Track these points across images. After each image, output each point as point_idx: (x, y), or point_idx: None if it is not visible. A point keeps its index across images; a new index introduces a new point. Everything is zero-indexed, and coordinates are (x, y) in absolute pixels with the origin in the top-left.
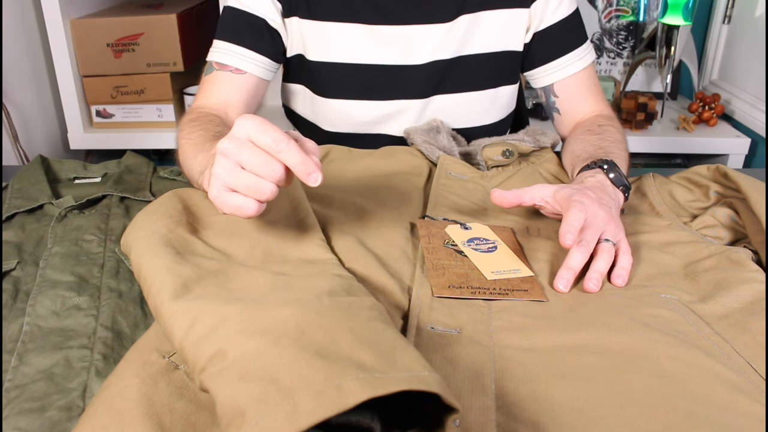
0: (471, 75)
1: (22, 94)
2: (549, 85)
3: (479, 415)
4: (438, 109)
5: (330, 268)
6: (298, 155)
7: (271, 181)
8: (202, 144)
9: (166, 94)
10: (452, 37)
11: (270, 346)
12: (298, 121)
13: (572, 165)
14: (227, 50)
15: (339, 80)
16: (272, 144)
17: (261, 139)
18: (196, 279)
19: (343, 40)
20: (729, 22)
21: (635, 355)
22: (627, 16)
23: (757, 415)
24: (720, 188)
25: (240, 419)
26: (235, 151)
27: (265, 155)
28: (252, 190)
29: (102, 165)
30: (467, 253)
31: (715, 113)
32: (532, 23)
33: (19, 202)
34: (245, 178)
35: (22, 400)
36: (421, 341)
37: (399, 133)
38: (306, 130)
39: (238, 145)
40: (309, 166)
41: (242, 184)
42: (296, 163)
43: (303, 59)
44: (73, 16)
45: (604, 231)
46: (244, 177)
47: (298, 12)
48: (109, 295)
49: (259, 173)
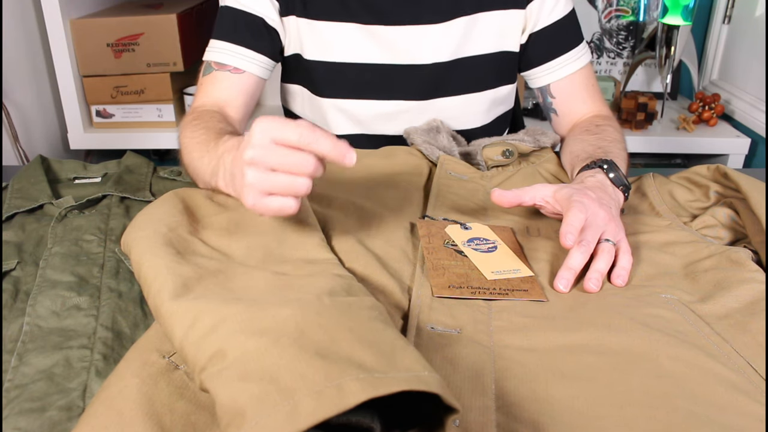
0: (470, 77)
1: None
2: (546, 85)
3: (479, 415)
4: (438, 111)
5: (330, 268)
6: (328, 141)
7: (305, 175)
8: (206, 143)
9: (166, 94)
10: (449, 39)
11: (270, 346)
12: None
13: (571, 165)
14: (226, 50)
15: (335, 79)
16: (300, 139)
17: (286, 137)
18: (197, 279)
19: (338, 40)
20: (729, 22)
21: (635, 355)
22: (627, 16)
23: (757, 415)
24: (720, 188)
25: (240, 419)
26: (263, 157)
27: (295, 152)
28: (289, 188)
29: (102, 165)
30: (467, 253)
31: (715, 113)
32: (527, 24)
33: (19, 202)
34: (280, 179)
35: (22, 400)
36: (421, 341)
37: (399, 133)
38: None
39: (264, 151)
40: (342, 147)
41: (278, 186)
42: (329, 149)
43: (300, 58)
44: (73, 16)
45: (605, 231)
46: (278, 179)
47: (295, 11)
48: (109, 295)
49: (293, 171)
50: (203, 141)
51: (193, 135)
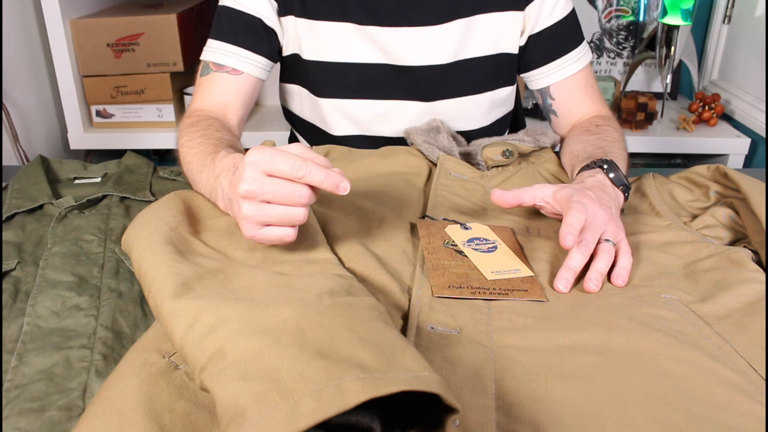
0: (469, 79)
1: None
2: (545, 87)
3: (479, 415)
4: (438, 113)
5: (330, 268)
6: (320, 173)
7: (301, 206)
8: (204, 156)
9: (166, 94)
10: (448, 41)
11: (270, 345)
12: (296, 121)
13: (571, 165)
14: (223, 50)
15: (333, 79)
16: (292, 171)
17: (279, 169)
18: (197, 278)
19: (336, 40)
20: (729, 22)
21: (635, 355)
22: (627, 16)
23: (757, 415)
24: (720, 188)
25: (240, 419)
26: (258, 190)
27: (289, 184)
28: (285, 219)
29: (102, 165)
30: (467, 253)
31: (715, 113)
32: (526, 26)
33: (19, 202)
34: (276, 210)
35: (22, 400)
36: (421, 341)
37: (398, 134)
38: (305, 130)
39: (258, 184)
40: (335, 177)
41: (275, 217)
42: (322, 180)
43: (299, 58)
44: (73, 16)
45: (605, 231)
46: (274, 210)
47: (294, 11)
48: (109, 295)
49: (288, 202)
50: (201, 153)
51: (191, 144)
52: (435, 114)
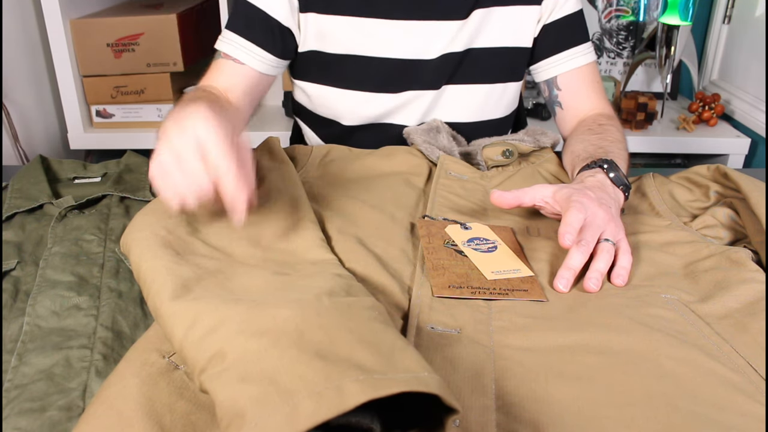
0: (481, 67)
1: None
2: (553, 77)
3: (479, 415)
4: (449, 100)
5: (330, 268)
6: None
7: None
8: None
9: (166, 94)
10: (465, 31)
11: (270, 347)
12: (308, 116)
13: (572, 165)
14: (235, 42)
15: (355, 73)
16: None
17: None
18: (196, 279)
19: (359, 34)
20: (729, 22)
21: (635, 355)
22: (627, 16)
23: (757, 415)
24: (720, 188)
25: (240, 420)
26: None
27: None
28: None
29: (102, 165)
30: (467, 253)
31: (715, 113)
32: (542, 17)
33: (19, 202)
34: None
35: (22, 400)
36: (421, 341)
37: (409, 123)
38: (317, 124)
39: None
40: (238, 204)
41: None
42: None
43: (320, 54)
44: (73, 16)
45: (604, 231)
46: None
47: (315, 7)
48: (109, 295)
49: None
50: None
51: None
52: (447, 101)
